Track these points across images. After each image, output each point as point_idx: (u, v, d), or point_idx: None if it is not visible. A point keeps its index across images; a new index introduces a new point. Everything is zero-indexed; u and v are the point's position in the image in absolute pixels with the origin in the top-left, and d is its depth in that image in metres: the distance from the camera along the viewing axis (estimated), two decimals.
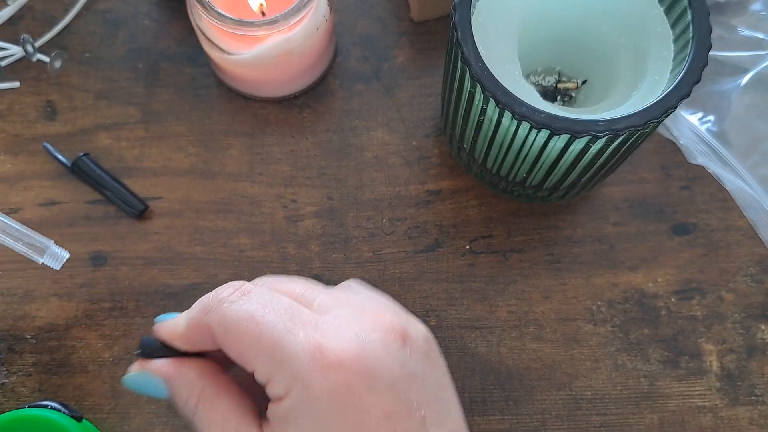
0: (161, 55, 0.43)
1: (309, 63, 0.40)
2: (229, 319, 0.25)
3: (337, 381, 0.24)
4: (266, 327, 0.25)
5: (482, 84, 0.29)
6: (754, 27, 0.42)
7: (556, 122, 0.29)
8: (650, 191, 0.40)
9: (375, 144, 0.41)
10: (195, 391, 0.27)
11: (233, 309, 0.25)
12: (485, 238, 0.39)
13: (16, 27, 0.44)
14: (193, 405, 0.26)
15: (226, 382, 0.27)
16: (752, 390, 0.36)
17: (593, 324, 0.37)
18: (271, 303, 0.25)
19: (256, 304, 0.25)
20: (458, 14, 0.30)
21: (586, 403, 0.36)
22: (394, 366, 0.25)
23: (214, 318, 0.26)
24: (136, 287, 0.38)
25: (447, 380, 0.27)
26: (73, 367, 0.36)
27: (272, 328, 0.25)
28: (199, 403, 0.26)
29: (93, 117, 0.41)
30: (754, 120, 0.41)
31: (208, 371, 0.27)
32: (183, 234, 0.39)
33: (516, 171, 0.35)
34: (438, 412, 0.26)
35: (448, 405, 0.27)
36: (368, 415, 0.24)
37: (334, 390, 0.24)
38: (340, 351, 0.24)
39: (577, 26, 0.36)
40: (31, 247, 0.27)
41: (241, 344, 0.25)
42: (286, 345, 0.24)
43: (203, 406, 0.26)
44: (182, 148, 0.41)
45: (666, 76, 0.32)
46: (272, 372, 0.24)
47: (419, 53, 0.43)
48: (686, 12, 0.31)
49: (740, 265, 0.39)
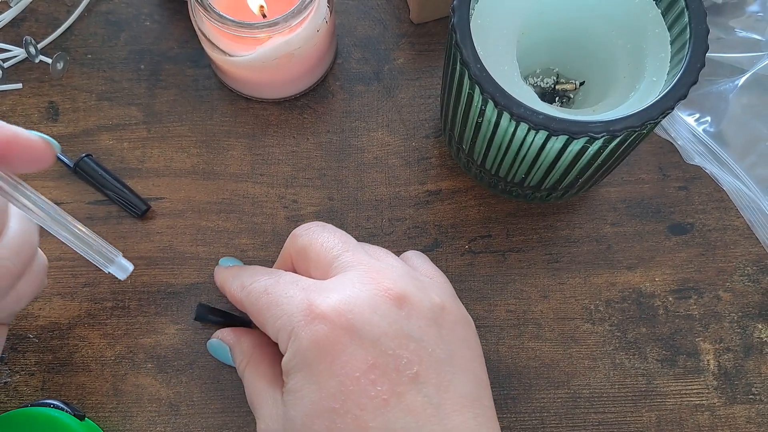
0: (163, 56, 0.43)
1: (309, 65, 0.40)
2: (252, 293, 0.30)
3: (322, 332, 0.26)
4: (275, 296, 0.29)
5: (481, 85, 0.30)
6: (751, 28, 0.43)
7: (554, 123, 0.29)
8: (648, 191, 0.40)
9: (375, 145, 0.41)
10: (245, 359, 0.32)
11: (254, 285, 0.31)
12: (484, 238, 0.39)
13: (18, 29, 0.44)
14: (243, 369, 0.32)
15: (268, 354, 0.32)
16: (749, 389, 0.36)
17: (591, 323, 0.38)
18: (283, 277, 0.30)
19: (272, 280, 0.30)
20: (457, 16, 0.31)
21: (584, 402, 0.36)
22: (381, 323, 0.27)
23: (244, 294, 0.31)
24: (138, 287, 0.38)
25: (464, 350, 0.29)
26: (76, 366, 0.37)
27: (278, 295, 0.29)
28: (246, 367, 0.32)
29: (95, 118, 0.42)
30: (751, 121, 0.41)
31: (258, 343, 0.33)
32: (185, 234, 0.39)
33: (514, 171, 0.35)
34: (439, 374, 0.27)
35: (458, 371, 0.28)
36: (350, 365, 0.26)
37: (317, 340, 0.26)
38: (325, 306, 0.27)
39: (576, 28, 0.36)
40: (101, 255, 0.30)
41: (261, 314, 0.29)
42: (285, 307, 0.28)
43: (249, 370, 0.32)
44: (184, 148, 0.41)
45: (663, 78, 0.32)
46: (276, 332, 0.28)
47: (419, 55, 0.44)
48: (683, 14, 0.31)
49: (737, 264, 0.39)
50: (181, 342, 0.37)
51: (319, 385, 0.26)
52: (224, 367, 0.37)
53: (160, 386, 0.36)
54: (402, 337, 0.27)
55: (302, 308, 0.27)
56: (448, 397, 0.27)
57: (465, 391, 0.27)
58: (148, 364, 0.37)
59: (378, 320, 0.27)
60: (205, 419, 0.36)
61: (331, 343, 0.26)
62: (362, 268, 0.29)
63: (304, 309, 0.27)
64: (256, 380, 0.31)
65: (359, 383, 0.26)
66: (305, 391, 0.27)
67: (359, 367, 0.26)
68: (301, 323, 0.27)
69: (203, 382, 0.36)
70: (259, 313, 0.29)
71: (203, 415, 0.36)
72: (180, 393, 0.36)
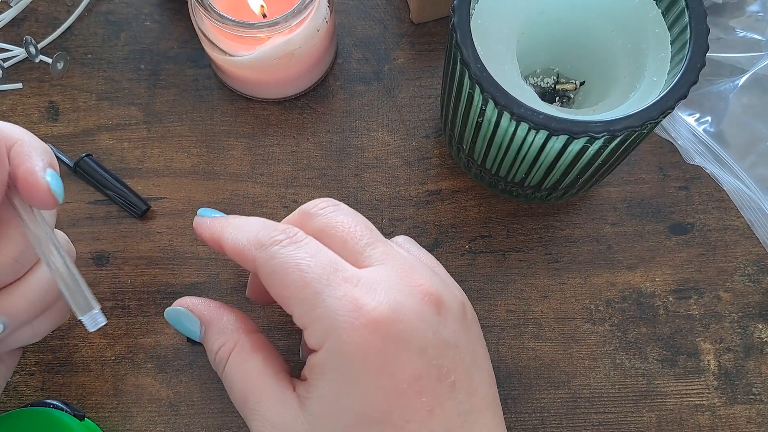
0: (163, 56, 0.43)
1: (310, 64, 0.40)
2: (277, 263, 0.26)
3: (370, 341, 0.24)
4: (310, 277, 0.25)
5: (481, 85, 0.30)
6: (752, 28, 0.43)
7: (554, 123, 0.29)
8: (648, 191, 0.40)
9: (375, 145, 0.41)
10: (229, 344, 0.28)
11: (283, 253, 0.26)
12: (484, 238, 0.39)
13: (18, 29, 0.44)
14: (226, 354, 0.28)
15: (262, 341, 0.28)
16: (750, 389, 0.36)
17: (591, 323, 0.38)
18: (318, 255, 0.26)
19: (305, 254, 0.26)
20: (457, 16, 0.31)
21: (585, 402, 0.36)
22: (426, 332, 0.25)
23: (264, 256, 0.27)
24: (138, 287, 0.38)
25: (480, 347, 0.28)
26: (76, 366, 0.37)
27: (316, 279, 0.25)
28: (231, 355, 0.28)
29: (95, 118, 0.42)
30: (752, 120, 0.41)
31: (246, 328, 0.29)
32: (185, 234, 0.39)
33: (515, 171, 0.35)
34: (469, 378, 0.26)
35: (480, 372, 0.27)
36: (397, 376, 0.25)
37: (366, 349, 0.24)
38: (376, 313, 0.25)
39: (576, 28, 0.36)
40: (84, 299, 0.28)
41: (286, 289, 0.26)
42: (325, 298, 0.25)
43: (238, 358, 0.27)
44: (184, 148, 0.41)
45: (664, 77, 0.32)
46: (310, 322, 0.25)
47: (419, 55, 0.44)
48: (684, 13, 0.31)
49: (737, 264, 0.39)
50: (181, 342, 0.37)
51: (364, 396, 0.25)
52: None
53: (160, 386, 0.36)
54: (442, 344, 0.26)
55: (348, 307, 0.25)
56: (476, 401, 0.26)
57: (486, 392, 0.27)
58: (148, 364, 0.37)
59: (424, 329, 0.25)
60: (205, 419, 0.36)
61: (380, 352, 0.25)
62: (397, 265, 0.27)
63: (350, 308, 0.25)
64: (252, 372, 0.27)
65: (406, 395, 0.25)
66: (346, 401, 0.25)
67: (406, 379, 0.25)
68: (346, 324, 0.25)
69: (203, 382, 0.36)
70: (285, 288, 0.26)
71: (203, 415, 0.36)
72: (180, 393, 0.36)
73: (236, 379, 0.27)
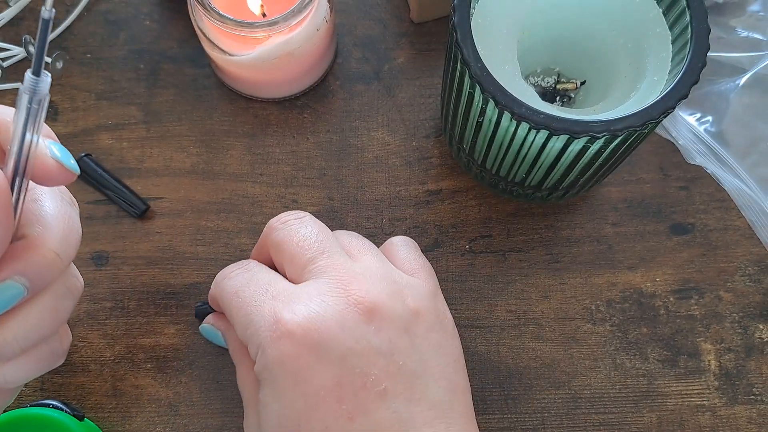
0: (162, 55, 0.43)
1: (309, 64, 0.40)
2: (222, 292, 0.30)
3: (286, 352, 0.26)
4: (244, 301, 0.28)
5: (482, 85, 0.30)
6: (753, 28, 0.43)
7: (555, 123, 0.29)
8: (649, 191, 0.40)
9: (375, 144, 0.41)
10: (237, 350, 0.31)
11: (227, 283, 0.30)
12: (484, 238, 0.39)
13: (17, 28, 0.44)
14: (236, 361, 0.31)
15: None
16: (750, 389, 0.36)
17: (592, 323, 0.38)
18: (255, 278, 0.29)
19: (243, 280, 0.29)
20: (458, 15, 0.31)
21: (585, 402, 0.36)
22: (347, 340, 0.26)
23: (216, 289, 0.31)
24: (137, 287, 0.38)
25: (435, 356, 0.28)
26: (75, 366, 0.37)
27: (248, 301, 0.28)
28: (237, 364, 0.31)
29: (94, 117, 0.42)
30: (753, 120, 0.41)
31: None
32: (184, 234, 0.39)
33: (515, 171, 0.35)
34: (410, 386, 0.26)
35: (429, 380, 0.27)
36: (314, 383, 0.26)
37: (283, 360, 0.26)
38: (292, 323, 0.26)
39: (576, 27, 0.36)
40: None
41: (230, 314, 0.29)
42: (253, 318, 0.27)
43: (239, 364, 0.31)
44: (184, 148, 0.41)
45: (664, 77, 0.32)
46: (245, 340, 0.28)
47: (419, 54, 0.43)
48: (684, 13, 0.31)
49: (738, 265, 0.39)
50: (180, 342, 0.37)
51: (285, 402, 0.26)
52: (224, 367, 0.37)
53: (160, 386, 0.36)
54: (370, 353, 0.26)
55: (269, 321, 0.27)
56: (419, 410, 0.26)
57: (437, 401, 0.27)
58: (147, 364, 0.37)
59: (345, 337, 0.26)
60: (204, 419, 0.36)
61: (296, 361, 0.26)
62: (335, 275, 0.28)
63: (270, 323, 0.26)
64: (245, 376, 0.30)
65: (324, 401, 0.25)
66: (273, 407, 0.26)
67: (324, 386, 0.25)
68: (267, 338, 0.26)
69: (203, 382, 0.36)
70: (230, 315, 0.29)
71: (203, 416, 0.36)
72: (179, 393, 0.36)
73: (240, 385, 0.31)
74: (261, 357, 0.27)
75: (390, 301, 0.27)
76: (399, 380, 0.26)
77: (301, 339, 0.26)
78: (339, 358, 0.26)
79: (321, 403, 0.25)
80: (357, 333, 0.26)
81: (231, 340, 0.32)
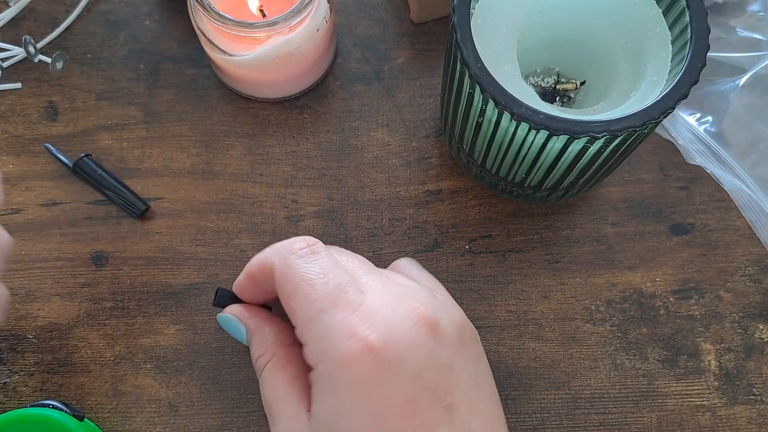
0: (162, 55, 0.43)
1: (309, 64, 0.40)
2: (292, 271, 0.27)
3: (361, 368, 0.25)
4: (318, 295, 0.26)
5: (481, 85, 0.30)
6: (752, 28, 0.43)
7: (554, 123, 0.29)
8: (648, 191, 0.40)
9: (375, 145, 0.41)
10: (267, 354, 0.29)
11: (298, 263, 0.27)
12: (484, 238, 0.39)
13: (17, 28, 0.44)
14: (263, 364, 0.29)
15: (295, 355, 0.29)
16: (750, 389, 0.36)
17: (592, 323, 0.38)
18: (330, 273, 0.27)
19: (319, 270, 0.27)
20: (457, 15, 0.31)
21: (585, 402, 0.36)
22: (420, 356, 0.26)
23: (281, 265, 0.28)
24: (137, 287, 0.38)
25: (483, 368, 0.28)
26: (75, 366, 0.37)
27: (322, 298, 0.26)
28: (268, 365, 0.29)
29: (94, 118, 0.42)
30: (753, 120, 0.41)
31: (283, 340, 0.30)
32: (184, 234, 0.39)
33: (515, 171, 0.35)
34: (470, 400, 0.27)
35: (484, 393, 0.28)
36: (389, 401, 0.25)
37: (357, 376, 0.25)
38: (369, 340, 0.25)
39: (576, 27, 0.36)
40: None
41: (295, 301, 0.27)
42: (325, 319, 0.26)
43: (271, 369, 0.29)
44: (184, 148, 0.41)
45: (664, 77, 0.32)
46: (308, 339, 0.26)
47: (419, 54, 0.43)
48: (684, 13, 0.31)
49: (738, 265, 0.39)
50: (180, 342, 0.37)
51: (355, 418, 0.25)
52: (224, 367, 0.37)
53: (160, 387, 0.36)
54: (438, 368, 0.26)
55: (345, 332, 0.25)
56: (479, 423, 0.27)
57: (490, 412, 0.27)
58: (147, 364, 0.37)
59: (419, 353, 0.26)
60: (204, 420, 0.36)
61: (371, 378, 0.25)
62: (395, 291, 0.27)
63: (345, 334, 0.25)
64: (279, 385, 0.28)
65: (397, 418, 0.25)
66: (340, 423, 0.25)
67: (398, 403, 0.25)
68: (339, 349, 0.25)
69: (203, 382, 0.36)
70: (294, 301, 0.27)
71: (203, 416, 0.36)
72: (179, 393, 0.36)
73: (266, 389, 0.29)
74: (328, 363, 0.26)
75: (444, 317, 0.27)
76: (462, 394, 0.26)
77: (377, 355, 0.25)
78: (412, 375, 0.25)
79: (394, 420, 0.25)
80: (427, 348, 0.26)
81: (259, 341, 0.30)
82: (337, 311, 0.26)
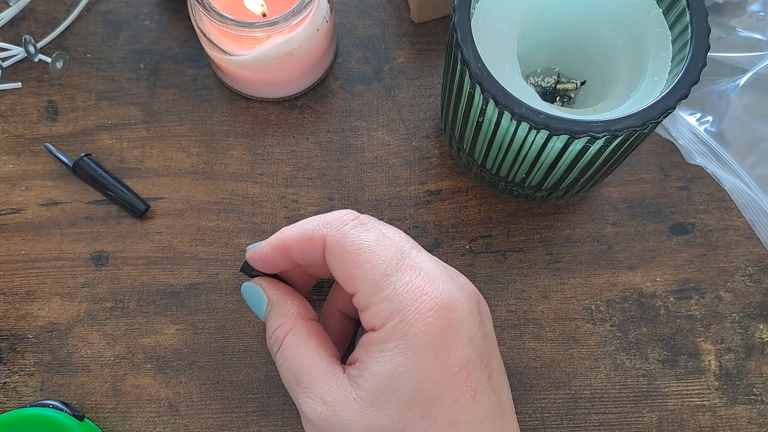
0: (162, 55, 0.43)
1: (309, 64, 0.40)
2: (348, 241, 0.28)
3: (433, 324, 0.27)
4: (381, 260, 0.27)
5: (482, 85, 0.30)
6: (753, 28, 0.43)
7: (555, 123, 0.29)
8: (649, 191, 0.40)
9: (375, 144, 0.41)
10: (285, 326, 0.30)
11: (354, 233, 0.28)
12: (485, 238, 0.39)
13: (17, 28, 0.44)
14: (282, 336, 0.30)
15: (317, 328, 0.30)
16: (750, 389, 0.36)
17: (592, 323, 0.38)
18: (385, 240, 0.28)
19: (374, 237, 0.28)
20: (458, 15, 0.31)
21: (585, 402, 0.36)
22: (473, 324, 0.28)
23: (334, 234, 0.28)
24: (137, 287, 0.38)
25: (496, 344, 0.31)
26: (75, 366, 0.37)
27: (386, 262, 0.27)
28: (289, 334, 0.30)
29: (94, 117, 0.42)
30: (753, 120, 0.41)
31: (305, 315, 0.31)
32: (185, 234, 0.39)
33: (515, 171, 0.35)
34: (498, 368, 0.29)
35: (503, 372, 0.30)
36: (451, 359, 0.27)
37: (429, 331, 0.26)
38: (438, 300, 0.27)
39: (576, 27, 0.36)
40: None
41: (355, 268, 0.28)
42: (393, 281, 0.27)
43: (293, 339, 0.29)
44: (184, 148, 0.41)
45: (665, 77, 0.32)
46: (375, 301, 0.27)
47: (419, 54, 0.43)
48: (684, 13, 0.31)
49: (738, 265, 0.39)
50: (180, 342, 0.37)
51: (422, 374, 0.26)
52: (224, 367, 0.37)
53: (160, 387, 0.36)
54: (484, 336, 0.28)
55: (414, 292, 0.27)
56: (506, 397, 0.29)
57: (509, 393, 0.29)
58: (147, 364, 0.37)
59: (471, 321, 0.28)
60: (204, 420, 0.36)
61: (440, 335, 0.26)
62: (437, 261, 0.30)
63: (416, 294, 0.27)
64: (307, 353, 0.29)
65: (456, 377, 0.26)
66: (404, 377, 0.26)
67: (458, 363, 0.27)
68: (412, 307, 0.27)
69: (203, 382, 0.36)
70: (355, 267, 0.28)
71: (203, 416, 0.36)
72: (180, 393, 0.36)
73: (290, 359, 0.29)
74: (399, 322, 0.27)
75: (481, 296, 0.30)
76: (494, 362, 0.28)
77: (446, 316, 0.27)
78: (469, 339, 0.27)
79: (454, 378, 0.26)
80: (477, 318, 0.28)
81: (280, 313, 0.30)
82: (403, 273, 0.27)
